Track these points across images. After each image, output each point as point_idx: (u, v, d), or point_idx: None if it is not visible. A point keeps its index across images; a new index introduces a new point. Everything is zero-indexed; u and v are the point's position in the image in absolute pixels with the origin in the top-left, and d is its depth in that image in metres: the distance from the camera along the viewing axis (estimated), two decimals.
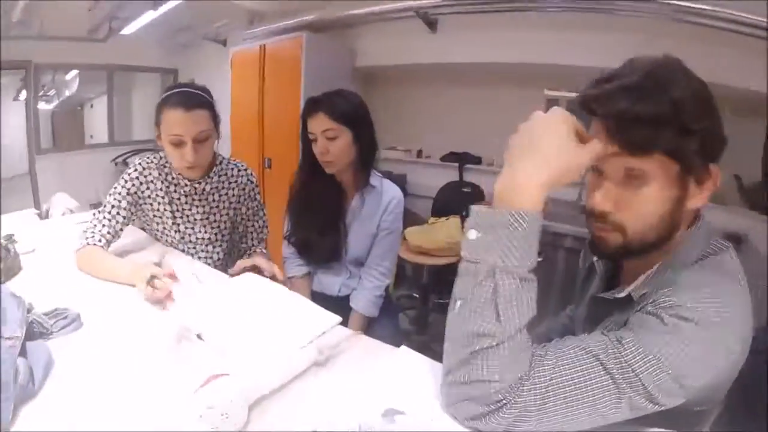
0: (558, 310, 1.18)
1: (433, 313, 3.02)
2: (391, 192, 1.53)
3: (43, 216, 2.21)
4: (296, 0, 3.39)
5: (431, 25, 3.05)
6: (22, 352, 0.82)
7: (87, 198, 4.63)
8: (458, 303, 0.68)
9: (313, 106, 1.41)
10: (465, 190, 3.25)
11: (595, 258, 0.87)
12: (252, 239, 1.61)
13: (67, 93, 5.73)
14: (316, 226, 1.52)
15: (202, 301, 1.10)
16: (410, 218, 3.61)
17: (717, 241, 0.71)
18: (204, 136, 1.30)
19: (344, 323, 1.48)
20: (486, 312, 0.63)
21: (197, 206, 1.48)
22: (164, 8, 3.23)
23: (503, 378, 0.62)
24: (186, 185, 1.44)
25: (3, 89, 5.14)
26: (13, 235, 1.58)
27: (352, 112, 1.41)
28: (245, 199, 1.55)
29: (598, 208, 0.69)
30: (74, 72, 5.63)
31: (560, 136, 0.65)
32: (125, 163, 5.30)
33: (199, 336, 0.95)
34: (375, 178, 1.52)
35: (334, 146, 1.38)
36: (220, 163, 1.50)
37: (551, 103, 2.99)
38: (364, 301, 1.54)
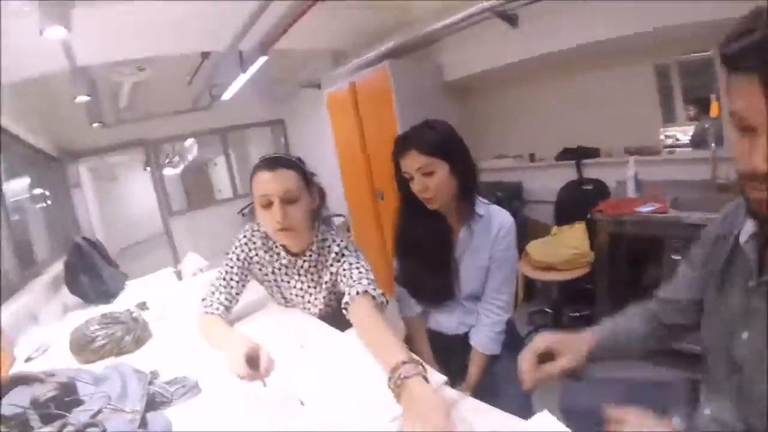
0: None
1: (567, 329, 2.75)
2: (499, 218, 1.41)
3: (178, 274, 2.41)
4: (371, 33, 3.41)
5: (511, 20, 2.86)
6: (143, 424, 0.86)
7: (221, 248, 5.08)
8: None
9: (402, 144, 1.34)
10: (586, 187, 2.94)
11: (744, 239, 0.76)
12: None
13: (190, 157, 6.41)
14: (425, 266, 1.44)
15: (306, 367, 1.10)
16: (533, 227, 3.43)
17: None
18: (292, 196, 1.27)
19: (465, 361, 1.43)
20: None
21: (296, 280, 1.46)
22: (252, 70, 3.42)
23: None
24: (284, 258, 1.42)
25: (130, 164, 5.97)
26: (145, 302, 1.72)
27: (445, 143, 1.31)
28: (344, 277, 1.36)
29: (760, 169, 0.59)
30: (191, 139, 6.29)
31: None
32: (252, 213, 5.70)
33: (301, 402, 0.95)
34: (481, 206, 1.41)
35: (433, 182, 1.30)
36: (323, 240, 1.39)
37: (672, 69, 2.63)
38: (484, 339, 1.42)
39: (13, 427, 0.79)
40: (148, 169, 5.66)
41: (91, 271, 1.99)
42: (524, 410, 1.32)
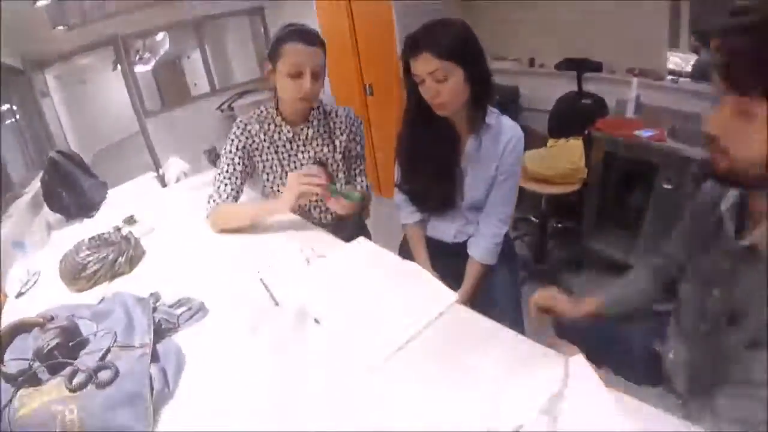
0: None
1: (551, 240, 2.81)
2: (509, 131, 1.33)
3: (161, 180, 2.30)
4: None
5: None
6: (154, 357, 0.80)
7: (201, 147, 4.90)
8: None
9: (414, 45, 1.20)
10: (585, 101, 2.81)
11: (725, 206, 0.85)
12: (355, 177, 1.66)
13: (162, 51, 5.95)
14: (430, 173, 1.38)
15: (316, 283, 1.09)
16: (528, 135, 3.32)
17: None
18: (320, 71, 1.36)
19: (462, 270, 1.44)
20: None
21: (302, 151, 1.53)
22: None
23: None
24: (288, 131, 1.49)
25: (99, 65, 5.50)
26: (133, 216, 1.64)
27: (461, 46, 1.18)
28: (352, 144, 1.59)
29: (708, 131, 0.72)
30: (163, 33, 5.79)
31: None
32: (231, 108, 5.45)
33: (316, 320, 0.94)
34: (491, 116, 1.32)
35: (445, 87, 1.19)
36: (319, 108, 1.52)
37: None
38: (483, 249, 1.42)
39: (20, 383, 0.74)
40: (118, 68, 5.23)
41: (69, 185, 1.87)
42: (516, 321, 1.39)
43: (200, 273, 1.20)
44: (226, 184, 1.45)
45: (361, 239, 1.31)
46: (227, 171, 1.46)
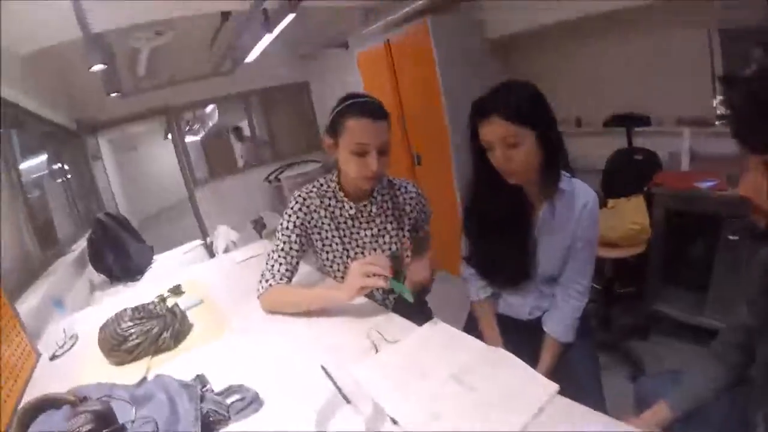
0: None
1: (615, 306, 2.62)
2: (583, 194, 1.24)
3: (209, 249, 2.31)
4: None
5: None
6: None
7: (249, 216, 5.01)
8: None
9: (483, 108, 1.14)
10: (637, 157, 2.72)
11: None
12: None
13: (210, 123, 6.28)
14: (501, 245, 1.29)
15: (389, 374, 0.95)
16: None
17: None
18: (386, 148, 1.27)
19: (536, 348, 1.30)
20: None
21: (365, 229, 1.43)
22: (279, 28, 3.20)
23: None
24: (351, 208, 1.39)
25: (150, 133, 5.85)
26: (179, 286, 1.61)
27: (532, 108, 1.12)
28: (415, 215, 1.49)
29: (742, 194, 0.74)
30: (212, 105, 6.12)
31: None
32: (278, 180, 5.60)
33: (394, 420, 0.80)
34: (564, 180, 1.23)
35: (518, 153, 1.12)
36: (380, 182, 1.43)
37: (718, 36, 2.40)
38: (561, 326, 1.29)
39: None
40: (169, 137, 5.54)
41: (115, 247, 1.90)
42: (598, 398, 1.24)
43: (253, 356, 1.11)
44: (281, 264, 1.35)
45: (435, 321, 1.16)
46: (282, 249, 1.36)
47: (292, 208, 1.38)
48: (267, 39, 3.48)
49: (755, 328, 0.96)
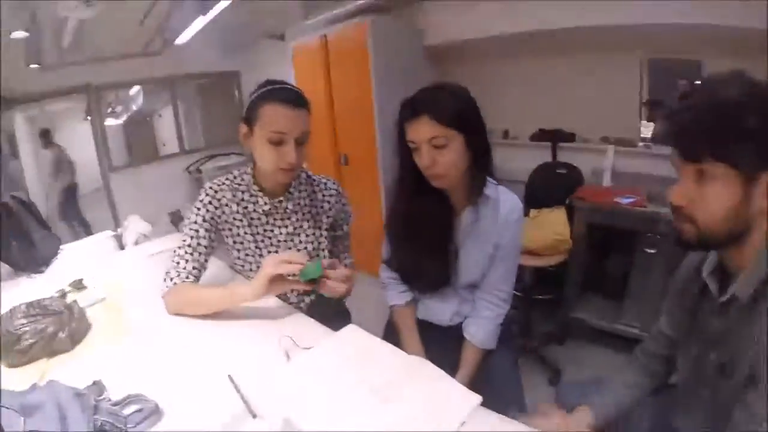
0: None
1: (534, 312, 2.73)
2: (509, 201, 1.24)
3: (119, 240, 2.13)
4: None
5: None
6: None
7: (166, 208, 4.71)
8: None
9: (413, 108, 1.11)
10: (560, 171, 2.86)
11: (706, 272, 0.87)
12: (342, 252, 1.52)
13: (134, 107, 5.86)
14: (423, 249, 1.26)
15: (301, 384, 0.90)
16: None
17: None
18: (305, 138, 1.20)
19: (457, 354, 1.29)
20: None
21: (279, 226, 1.34)
22: (214, 11, 3.05)
23: None
24: (265, 203, 1.30)
25: (71, 112, 5.36)
26: (81, 280, 1.46)
27: (463, 112, 1.11)
28: (335, 215, 1.42)
29: (673, 201, 0.78)
30: (137, 87, 5.74)
31: None
32: (198, 171, 5.34)
33: None
34: (490, 187, 1.22)
35: (444, 156, 1.10)
36: (298, 177, 1.36)
37: (647, 64, 2.62)
38: (482, 332, 1.28)
39: None
40: (89, 118, 5.10)
41: (21, 235, 1.69)
42: (519, 404, 1.25)
43: (156, 362, 1.00)
44: (187, 260, 1.23)
45: (352, 327, 1.12)
46: (189, 245, 1.25)
47: (201, 201, 1.28)
48: (200, 22, 3.32)
49: (674, 339, 1.00)
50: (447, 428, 0.76)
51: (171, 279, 1.22)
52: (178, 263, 1.23)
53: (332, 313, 1.47)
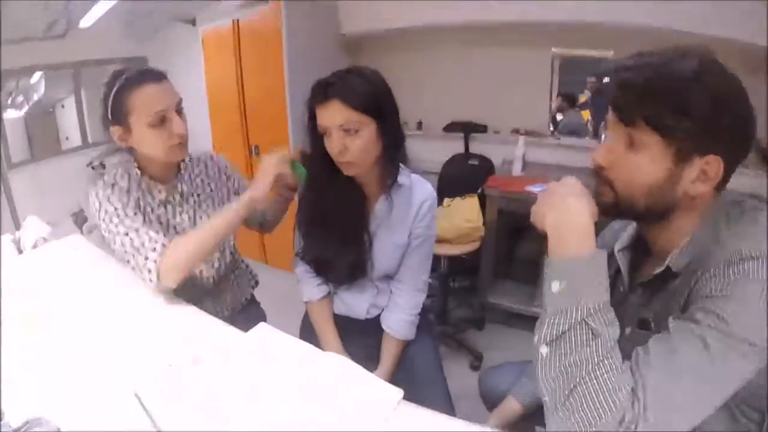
0: None
1: (451, 298, 2.79)
2: (423, 191, 1.24)
3: (17, 244, 1.91)
4: None
5: None
6: None
7: (69, 208, 4.34)
8: (546, 349, 0.67)
9: (323, 91, 1.06)
10: (472, 162, 2.97)
11: (618, 248, 0.87)
12: None
13: (36, 96, 5.38)
14: (335, 239, 1.23)
15: (212, 393, 0.83)
16: None
17: (749, 201, 0.72)
18: (180, 107, 1.16)
19: (376, 347, 1.29)
20: (583, 345, 0.64)
21: (180, 212, 1.30)
22: None
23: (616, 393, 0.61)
24: (160, 192, 1.25)
25: None
26: None
27: (377, 97, 1.08)
28: (234, 188, 1.41)
29: (596, 159, 0.75)
30: (39, 74, 5.26)
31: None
32: (102, 166, 4.95)
33: None
34: (403, 175, 1.21)
35: (355, 143, 1.06)
36: (184, 159, 1.32)
37: (558, 61, 2.78)
38: (399, 323, 1.28)
39: None
40: None
41: None
42: (441, 396, 1.25)
43: (57, 380, 0.90)
44: (146, 231, 1.13)
45: (263, 325, 1.07)
46: (135, 223, 1.14)
47: (104, 195, 1.17)
48: (106, 4, 3.08)
49: None
50: (371, 427, 0.75)
51: (153, 250, 1.11)
52: (143, 240, 1.12)
53: (245, 314, 1.49)
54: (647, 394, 0.59)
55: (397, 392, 0.84)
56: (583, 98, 2.84)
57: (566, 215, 0.71)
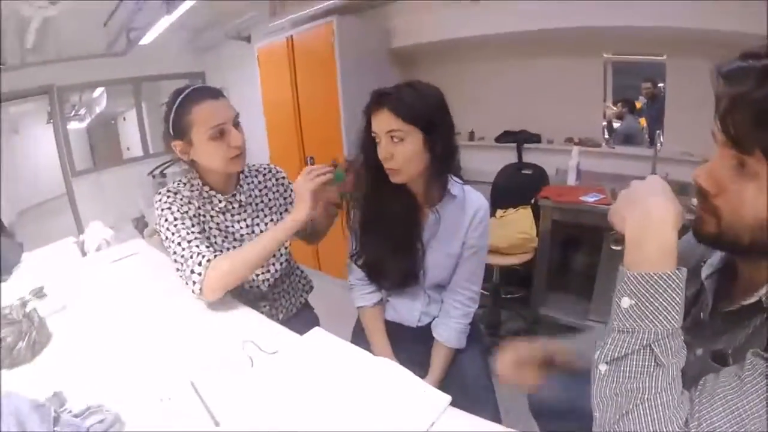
0: None
1: (503, 310, 2.77)
2: (475, 202, 1.26)
3: (80, 247, 2.06)
4: None
5: None
6: None
7: (130, 214, 4.59)
8: (605, 367, 0.63)
9: (377, 100, 1.13)
10: (525, 171, 2.94)
11: (705, 274, 0.79)
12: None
13: (98, 110, 5.70)
14: (388, 246, 1.26)
15: (266, 391, 0.88)
16: None
17: None
18: (238, 119, 1.24)
19: (426, 354, 1.30)
20: (644, 372, 0.60)
21: (237, 221, 1.36)
22: (179, 11, 2.99)
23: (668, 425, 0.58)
24: (220, 201, 1.32)
25: (34, 115, 5.15)
26: (42, 288, 1.41)
27: (425, 110, 1.11)
28: (290, 200, 1.48)
29: (698, 181, 0.66)
30: (101, 89, 5.58)
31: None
32: (163, 175, 5.21)
33: None
34: (456, 187, 1.24)
35: (400, 151, 1.11)
36: (244, 170, 1.41)
37: (610, 66, 2.70)
38: (450, 332, 1.29)
39: None
40: (51, 121, 4.91)
41: None
42: (489, 405, 1.26)
43: (117, 371, 0.97)
44: (197, 245, 1.18)
45: (318, 330, 1.10)
46: (189, 234, 1.20)
47: (166, 202, 1.25)
48: (165, 21, 3.25)
49: None
50: (417, 429, 0.76)
51: (198, 264, 1.16)
52: (191, 252, 1.17)
53: (300, 319, 1.52)
54: (700, 429, 0.57)
55: (445, 398, 0.85)
56: (638, 105, 2.76)
57: (648, 221, 0.63)
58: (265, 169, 1.48)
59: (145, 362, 1.01)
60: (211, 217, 1.32)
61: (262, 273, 1.41)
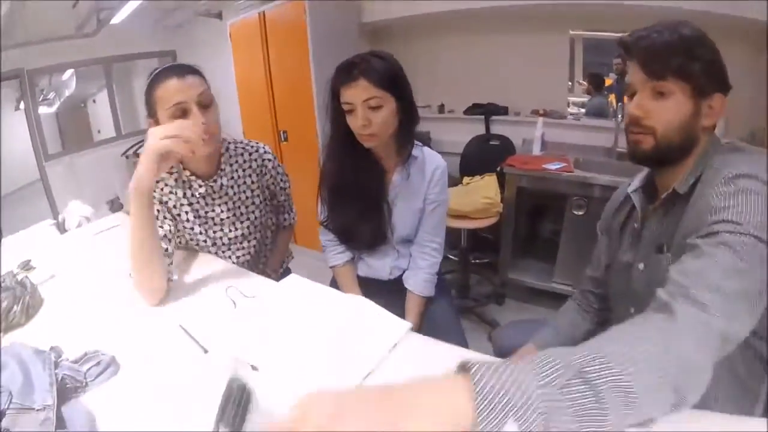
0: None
1: (472, 275, 2.91)
2: (434, 161, 1.37)
3: (60, 227, 2.10)
4: None
5: None
6: (59, 422, 0.70)
7: (105, 196, 4.57)
8: None
9: (350, 71, 1.18)
10: (493, 142, 3.05)
11: (632, 189, 1.01)
12: (285, 212, 1.64)
13: (67, 93, 5.58)
14: (357, 209, 1.37)
15: (248, 326, 0.99)
16: None
17: (742, 144, 0.87)
18: (207, 99, 1.17)
19: (399, 305, 1.41)
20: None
21: (219, 205, 1.36)
22: None
23: None
24: (200, 186, 1.31)
25: (3, 102, 5.02)
26: (29, 261, 1.47)
27: (395, 76, 1.21)
28: (270, 181, 1.49)
29: (633, 113, 0.87)
30: (70, 71, 5.46)
31: None
32: (136, 155, 5.17)
33: (253, 367, 0.83)
34: (416, 148, 1.35)
35: (378, 117, 1.19)
36: (227, 150, 1.37)
37: (581, 42, 2.81)
38: (421, 282, 1.41)
39: None
40: (22, 107, 4.81)
41: None
42: (459, 343, 1.36)
43: (109, 324, 1.05)
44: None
45: (293, 276, 1.20)
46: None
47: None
48: (135, 1, 3.22)
49: (601, 278, 1.15)
50: (380, 349, 0.88)
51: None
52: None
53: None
54: (703, 295, 0.63)
55: (405, 324, 0.96)
56: (608, 81, 2.86)
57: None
58: (252, 147, 1.43)
59: (136, 313, 1.10)
60: (191, 203, 1.33)
61: (240, 254, 1.46)
